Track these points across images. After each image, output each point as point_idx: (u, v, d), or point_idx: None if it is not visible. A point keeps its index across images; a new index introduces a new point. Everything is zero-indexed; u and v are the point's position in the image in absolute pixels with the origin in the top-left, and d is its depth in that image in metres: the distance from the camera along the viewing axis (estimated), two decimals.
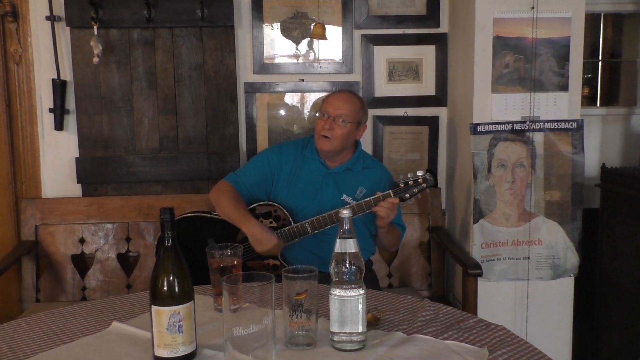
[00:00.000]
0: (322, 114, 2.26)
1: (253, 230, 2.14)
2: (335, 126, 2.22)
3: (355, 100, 2.27)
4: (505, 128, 2.54)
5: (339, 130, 2.22)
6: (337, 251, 1.30)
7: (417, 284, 2.85)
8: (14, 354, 1.33)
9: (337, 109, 2.24)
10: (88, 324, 1.51)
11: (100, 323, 1.51)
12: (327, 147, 2.26)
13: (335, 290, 1.29)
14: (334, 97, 2.28)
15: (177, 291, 1.22)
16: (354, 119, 2.25)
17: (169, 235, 1.23)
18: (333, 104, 2.25)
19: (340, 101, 2.25)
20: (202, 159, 2.81)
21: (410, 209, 2.83)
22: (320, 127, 2.25)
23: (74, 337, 1.42)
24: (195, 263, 1.58)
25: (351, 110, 2.24)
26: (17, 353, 1.33)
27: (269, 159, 2.34)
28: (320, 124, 2.26)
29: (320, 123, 2.26)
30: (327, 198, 2.28)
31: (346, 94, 2.29)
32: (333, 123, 2.22)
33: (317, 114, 2.29)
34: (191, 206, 2.67)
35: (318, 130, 2.26)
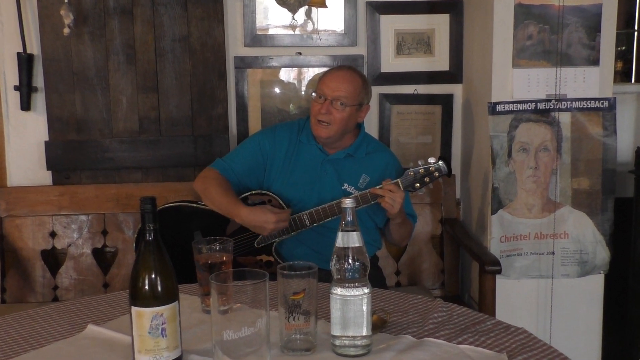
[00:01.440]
0: (317, 96, 2.24)
1: (245, 218, 2.14)
2: (332, 110, 2.20)
3: (355, 79, 2.24)
4: (527, 107, 2.53)
5: (338, 114, 2.21)
6: (339, 245, 1.30)
7: (428, 282, 2.87)
8: None
9: (334, 90, 2.21)
10: (60, 328, 1.51)
11: (74, 326, 1.52)
12: (324, 134, 2.25)
13: (337, 289, 1.30)
14: (331, 76, 2.25)
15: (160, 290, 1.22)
16: (355, 100, 2.23)
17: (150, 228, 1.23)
18: (330, 84, 2.22)
19: (338, 81, 2.22)
20: (187, 143, 2.81)
21: (421, 198, 2.84)
22: (316, 110, 2.23)
23: (45, 343, 1.43)
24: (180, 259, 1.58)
25: (351, 91, 2.21)
26: None
27: (261, 144, 2.34)
28: (315, 107, 2.24)
29: (316, 106, 2.23)
30: (327, 188, 2.28)
31: (345, 72, 2.25)
32: (330, 106, 2.20)
33: (313, 94, 2.27)
34: (175, 195, 2.67)
35: (314, 114, 2.25)
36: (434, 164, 2.18)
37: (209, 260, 1.53)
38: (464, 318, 1.53)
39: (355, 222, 1.30)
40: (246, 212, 2.14)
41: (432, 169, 2.18)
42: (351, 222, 1.30)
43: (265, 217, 2.13)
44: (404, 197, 2.13)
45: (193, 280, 1.63)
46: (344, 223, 1.31)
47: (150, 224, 1.23)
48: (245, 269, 1.25)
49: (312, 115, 2.25)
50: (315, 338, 1.33)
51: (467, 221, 2.93)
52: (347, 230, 1.30)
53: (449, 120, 2.97)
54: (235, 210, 2.16)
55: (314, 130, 2.26)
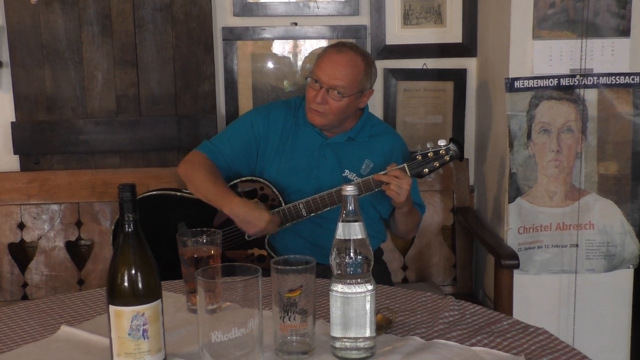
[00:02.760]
0: (313, 80, 2.22)
1: (237, 211, 2.15)
2: (328, 99, 2.19)
3: (357, 64, 2.20)
4: (549, 84, 2.52)
5: (334, 104, 2.20)
6: (340, 237, 1.30)
7: (438, 278, 2.87)
8: None
9: (331, 77, 2.17)
10: (31, 329, 1.52)
11: (46, 327, 1.52)
12: (319, 122, 2.25)
13: (337, 285, 1.30)
14: (328, 59, 2.21)
15: (140, 288, 1.22)
16: (354, 89, 2.21)
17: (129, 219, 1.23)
18: (326, 69, 2.19)
19: (336, 66, 2.18)
20: (170, 124, 2.81)
21: (431, 185, 2.84)
22: (311, 97, 2.21)
23: (13, 346, 1.43)
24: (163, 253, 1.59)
25: (350, 79, 2.18)
26: None
27: (253, 125, 2.33)
28: (310, 93, 2.22)
29: (311, 92, 2.21)
30: (326, 175, 2.28)
31: (344, 56, 2.20)
32: (326, 95, 2.19)
33: (308, 79, 2.25)
34: (157, 182, 2.67)
35: (308, 100, 2.23)
36: (444, 146, 2.18)
37: (195, 254, 1.53)
38: (477, 317, 1.54)
39: (357, 211, 1.31)
40: (239, 204, 2.15)
41: (443, 152, 2.18)
42: (353, 212, 1.30)
43: (259, 212, 2.13)
44: (411, 183, 2.14)
45: (177, 277, 1.63)
46: (344, 213, 1.31)
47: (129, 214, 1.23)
48: (235, 264, 1.25)
49: (307, 101, 2.24)
50: (314, 340, 1.34)
51: (481, 210, 2.93)
52: (348, 220, 1.30)
53: (461, 98, 2.96)
54: (224, 200, 2.16)
55: (308, 117, 2.26)
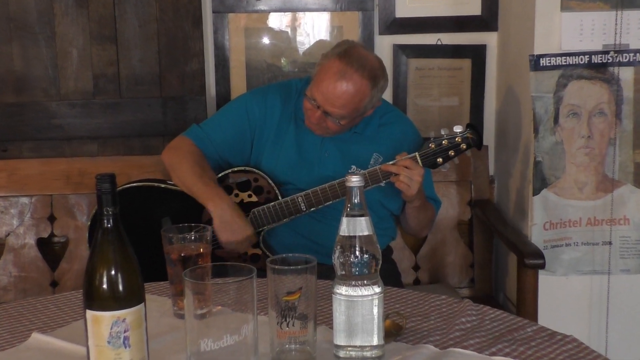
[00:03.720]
0: (309, 95, 2.18)
1: (222, 211, 2.15)
2: (327, 120, 2.18)
3: (361, 91, 2.12)
4: (579, 61, 2.52)
5: (333, 125, 2.20)
6: (344, 234, 1.30)
7: (454, 279, 2.88)
8: None
9: (329, 104, 2.13)
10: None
11: (15, 335, 1.52)
12: (319, 134, 2.26)
13: (341, 288, 1.30)
14: (328, 84, 2.11)
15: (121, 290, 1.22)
16: (356, 113, 2.19)
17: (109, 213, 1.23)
18: (325, 94, 2.12)
19: (337, 97, 2.11)
20: (154, 107, 2.80)
21: (446, 175, 2.84)
22: (308, 110, 2.20)
23: None
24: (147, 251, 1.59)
25: (351, 109, 2.15)
26: None
27: (248, 109, 2.33)
28: (307, 106, 2.20)
29: (308, 105, 2.20)
30: (328, 172, 2.28)
31: (348, 86, 2.10)
32: (324, 116, 2.17)
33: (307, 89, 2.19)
34: (139, 172, 2.67)
35: (305, 110, 2.23)
36: (461, 133, 2.18)
37: (182, 253, 1.53)
38: (498, 323, 1.54)
39: (363, 204, 1.30)
40: (228, 203, 2.16)
41: (459, 139, 2.18)
42: (358, 205, 1.30)
43: (244, 223, 2.18)
44: (422, 174, 2.13)
45: (163, 278, 1.64)
46: (349, 206, 1.30)
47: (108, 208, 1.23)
48: (226, 264, 1.25)
49: (304, 111, 2.24)
50: (314, 348, 1.34)
51: (502, 204, 2.93)
52: (353, 215, 1.30)
53: (480, 78, 2.95)
54: (210, 195, 2.17)
55: (307, 123, 2.26)
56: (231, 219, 2.15)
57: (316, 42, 2.90)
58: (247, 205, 2.27)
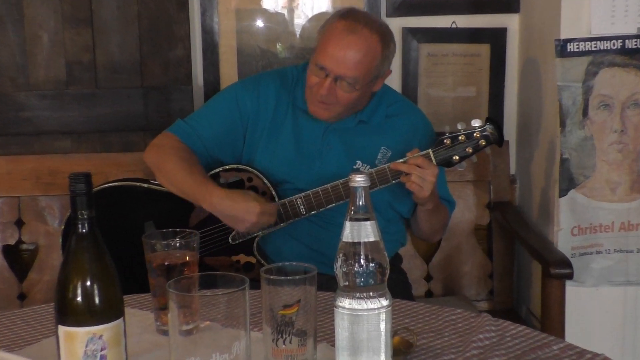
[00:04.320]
0: (315, 65, 2.18)
1: (220, 204, 2.14)
2: (337, 90, 2.18)
3: (372, 47, 2.16)
4: (611, 46, 2.52)
5: (344, 95, 2.19)
6: (347, 240, 1.30)
7: (470, 291, 2.88)
8: None
9: (340, 66, 2.14)
10: None
11: None
12: (324, 116, 2.25)
13: (344, 300, 1.30)
14: (336, 42, 2.15)
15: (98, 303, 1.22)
16: (368, 77, 2.20)
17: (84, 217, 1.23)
18: (334, 55, 2.15)
19: (347, 53, 2.14)
20: (134, 98, 2.80)
21: (462, 175, 2.83)
22: (314, 87, 2.20)
23: None
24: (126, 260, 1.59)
25: (365, 69, 2.17)
26: None
27: (239, 101, 2.33)
28: (312, 80, 2.20)
29: (314, 80, 2.20)
30: (331, 168, 2.28)
31: (358, 39, 2.14)
32: (333, 85, 2.17)
33: (310, 62, 2.21)
34: (118, 171, 2.67)
35: (310, 87, 2.22)
36: (479, 127, 2.18)
37: (166, 261, 1.53)
38: (520, 340, 1.54)
39: (369, 207, 1.30)
40: (220, 195, 2.14)
41: (477, 134, 2.18)
42: (363, 208, 1.30)
43: (246, 204, 2.13)
44: (436, 174, 2.13)
45: (144, 290, 1.64)
46: (353, 209, 1.30)
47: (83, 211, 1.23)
48: (216, 273, 1.25)
49: (308, 87, 2.23)
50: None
51: (525, 206, 2.93)
52: (357, 219, 1.30)
53: (500, 66, 2.96)
54: (203, 193, 2.16)
55: (310, 108, 2.25)
56: (232, 209, 2.13)
57: (316, 26, 2.89)
58: None
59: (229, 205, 2.14)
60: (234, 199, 2.14)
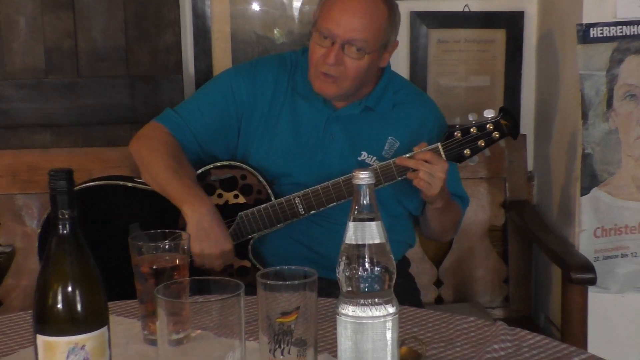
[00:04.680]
0: (319, 34, 2.19)
1: (200, 216, 2.14)
2: (345, 58, 2.18)
3: (378, 8, 2.19)
4: (638, 31, 2.52)
5: (352, 64, 2.19)
6: (350, 242, 1.30)
7: (484, 297, 2.88)
8: None
9: (347, 29, 2.16)
10: None
11: None
12: (332, 92, 2.24)
13: (347, 307, 1.30)
14: (340, 5, 2.18)
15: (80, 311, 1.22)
16: (378, 42, 2.21)
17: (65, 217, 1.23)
18: (340, 19, 2.16)
19: (353, 15, 2.16)
20: (119, 88, 2.81)
21: (474, 171, 2.84)
22: (319, 58, 2.20)
23: None
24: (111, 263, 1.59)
25: (373, 31, 2.18)
26: None
27: (233, 89, 2.34)
28: (317, 52, 2.20)
29: (319, 51, 2.20)
30: (334, 160, 2.29)
31: (363, 1, 2.17)
32: (341, 53, 2.18)
33: (312, 30, 2.23)
34: (102, 168, 2.67)
35: (315, 63, 2.22)
36: (493, 119, 2.18)
37: (154, 265, 1.53)
38: (538, 351, 1.54)
39: (374, 206, 1.30)
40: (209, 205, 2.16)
41: (491, 126, 2.18)
42: (368, 207, 1.30)
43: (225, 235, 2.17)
44: (446, 170, 2.13)
45: (131, 296, 1.64)
46: (357, 208, 1.30)
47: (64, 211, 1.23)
48: (208, 278, 1.25)
49: (312, 64, 2.23)
50: None
51: (543, 205, 2.93)
52: (361, 219, 1.30)
53: (516, 53, 2.96)
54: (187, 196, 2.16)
55: (315, 86, 2.25)
56: (209, 226, 2.14)
57: None
58: (233, 208, 2.27)
59: (210, 222, 2.14)
60: (218, 221, 2.16)
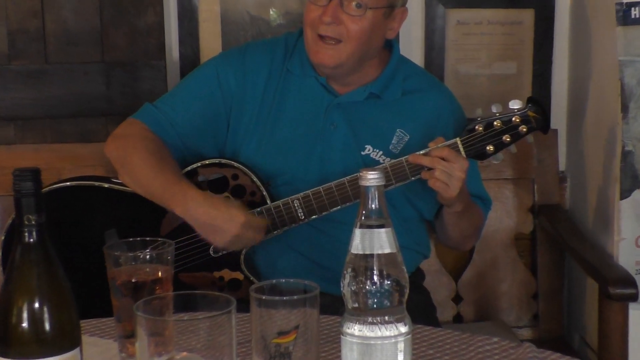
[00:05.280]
0: None
1: (196, 211, 2.14)
2: (344, 17, 2.19)
3: None
4: None
5: (353, 24, 2.19)
6: (356, 252, 1.31)
7: (510, 315, 2.88)
8: None
9: None
10: None
11: None
12: (331, 60, 2.24)
13: (354, 326, 1.30)
14: None
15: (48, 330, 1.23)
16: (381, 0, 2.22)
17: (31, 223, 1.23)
18: None
19: None
20: (93, 76, 2.81)
21: (498, 171, 2.84)
22: (315, 18, 2.21)
23: None
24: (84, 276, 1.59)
25: None
26: None
27: (221, 78, 2.35)
28: (312, 12, 2.22)
29: (314, 11, 2.22)
30: (335, 153, 2.30)
31: None
32: (340, 10, 2.18)
33: None
34: (74, 167, 2.67)
35: (310, 24, 2.23)
36: (520, 111, 2.18)
37: (134, 278, 1.53)
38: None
39: (384, 210, 1.31)
40: (197, 199, 2.15)
41: (517, 119, 2.18)
42: (377, 212, 1.30)
43: (228, 211, 2.14)
44: (466, 169, 2.14)
45: (107, 313, 1.64)
46: (364, 213, 1.31)
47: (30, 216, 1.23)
48: (195, 293, 1.26)
49: (308, 26, 2.24)
50: None
51: (577, 210, 2.94)
52: (369, 225, 1.30)
53: (546, 36, 2.97)
54: (176, 196, 2.17)
55: (313, 55, 2.25)
56: (211, 217, 2.13)
57: None
58: None
59: (207, 212, 2.13)
60: (214, 205, 2.14)
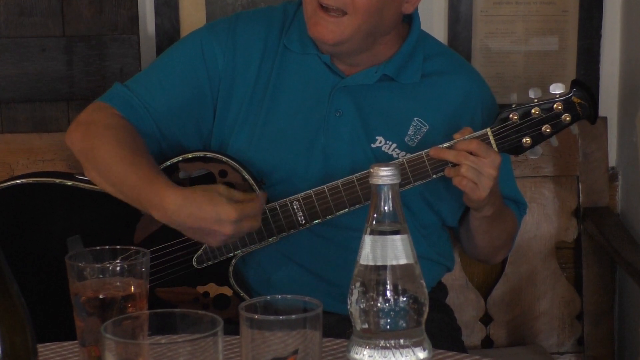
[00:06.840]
0: None
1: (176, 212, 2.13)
2: None
3: None
4: None
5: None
6: (367, 263, 1.31)
7: (550, 339, 2.89)
8: None
9: None
10: None
11: None
12: (333, 36, 2.24)
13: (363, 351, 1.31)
14: None
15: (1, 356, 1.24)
16: None
17: None
18: None
19: None
20: (52, 53, 2.82)
21: (536, 167, 2.85)
22: None
23: None
24: (42, 292, 1.60)
25: None
26: None
27: (206, 54, 2.36)
28: None
29: None
30: (342, 145, 2.31)
31: None
32: None
33: None
34: (29, 161, 2.69)
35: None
36: (562, 97, 2.19)
37: (101, 294, 1.54)
38: None
39: (399, 213, 1.31)
40: (176, 200, 2.14)
41: (559, 106, 2.19)
42: (390, 215, 1.31)
43: (214, 209, 2.13)
44: (498, 165, 2.15)
45: (70, 336, 1.65)
46: (375, 217, 1.32)
47: None
48: (175, 311, 1.27)
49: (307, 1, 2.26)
50: None
51: (631, 215, 2.95)
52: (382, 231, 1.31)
53: (594, 6, 2.98)
54: (152, 195, 2.17)
55: (311, 28, 2.26)
56: (195, 221, 2.12)
57: None
58: None
59: (191, 214, 2.12)
60: (196, 204, 2.12)
